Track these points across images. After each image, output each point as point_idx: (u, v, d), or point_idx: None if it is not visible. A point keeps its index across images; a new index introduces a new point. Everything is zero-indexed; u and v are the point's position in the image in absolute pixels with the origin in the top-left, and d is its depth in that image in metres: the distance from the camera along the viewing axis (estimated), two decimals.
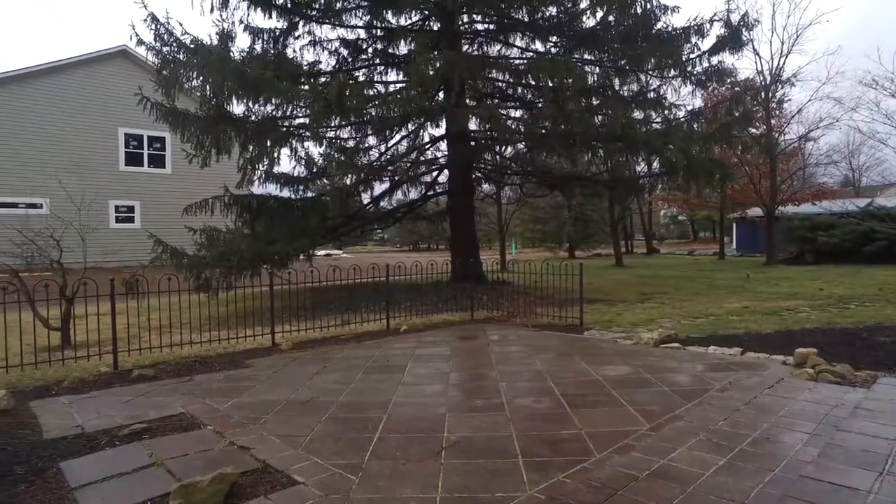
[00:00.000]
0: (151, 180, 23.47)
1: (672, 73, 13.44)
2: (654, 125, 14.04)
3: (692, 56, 13.09)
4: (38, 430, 4.19)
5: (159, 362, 6.42)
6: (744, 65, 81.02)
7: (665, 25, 13.28)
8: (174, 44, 11.88)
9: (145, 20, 11.71)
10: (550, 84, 12.49)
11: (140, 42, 11.80)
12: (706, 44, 13.47)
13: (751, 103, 16.95)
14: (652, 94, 14.80)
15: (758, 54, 26.37)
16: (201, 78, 11.81)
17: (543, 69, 12.09)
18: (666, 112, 14.68)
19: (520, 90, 15.81)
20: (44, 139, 21.01)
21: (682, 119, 14.36)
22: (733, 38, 12.79)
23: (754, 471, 3.24)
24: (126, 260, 17.51)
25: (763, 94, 22.80)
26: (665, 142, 11.90)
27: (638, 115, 14.25)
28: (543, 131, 12.80)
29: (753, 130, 20.29)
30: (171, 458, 3.55)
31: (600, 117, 13.94)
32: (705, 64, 13.35)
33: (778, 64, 23.67)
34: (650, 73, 13.91)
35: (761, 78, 23.45)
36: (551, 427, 4.07)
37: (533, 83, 14.86)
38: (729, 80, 17.59)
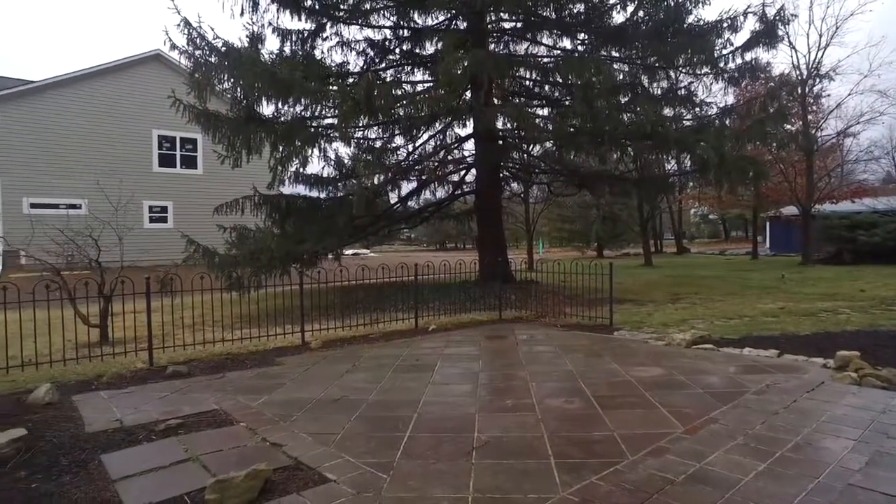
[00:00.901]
0: (184, 181, 23.98)
1: (704, 69, 13.16)
2: (685, 122, 13.79)
3: (724, 52, 12.80)
4: (81, 423, 4.31)
5: (192, 359, 6.55)
6: (779, 59, 78.81)
7: (696, 20, 13.01)
8: (206, 47, 12.09)
9: (178, 25, 11.96)
10: (579, 82, 12.37)
11: (173, 46, 12.03)
12: (739, 39, 13.20)
13: (786, 99, 16.55)
14: (682, 91, 14.54)
15: (794, 48, 25.56)
16: (232, 80, 12.03)
17: (572, 67, 11.97)
18: (697, 109, 14.41)
19: (547, 88, 15.68)
20: (82, 142, 21.64)
21: (714, 116, 14.06)
22: (768, 32, 12.44)
23: (797, 477, 3.14)
24: (160, 259, 17.93)
25: (799, 88, 22.13)
26: (697, 139, 11.65)
27: (668, 112, 14.02)
28: (572, 129, 12.66)
29: (789, 127, 19.77)
30: (205, 454, 3.61)
31: (629, 115, 13.75)
32: (738, 60, 13.05)
33: (815, 57, 22.96)
34: (681, 69, 13.65)
35: (797, 72, 22.80)
36: (583, 428, 4.02)
37: (560, 81, 14.73)
38: (763, 76, 17.23)
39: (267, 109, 12.95)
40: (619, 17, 13.78)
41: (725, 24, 12.60)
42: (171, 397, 4.98)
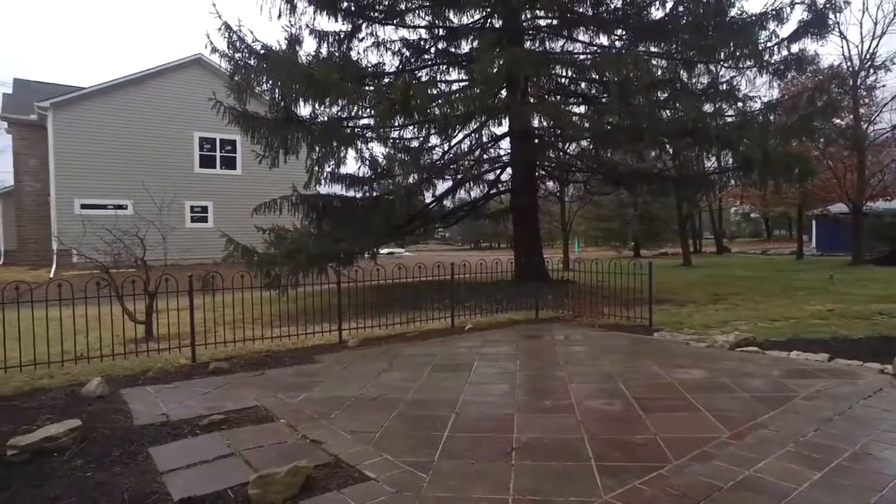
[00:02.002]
0: (223, 181, 24.55)
1: (747, 63, 12.75)
2: (726, 118, 13.40)
3: (770, 44, 12.37)
4: (130, 416, 4.45)
5: (233, 356, 6.69)
6: (827, 49, 75.86)
7: (739, 12, 12.62)
8: (245, 50, 12.33)
9: (219, 29, 12.23)
10: (616, 78, 12.17)
11: (214, 50, 12.31)
12: (786, 30, 12.73)
13: (836, 92, 15.92)
14: (724, 86, 14.14)
15: (844, 38, 24.43)
16: (270, 82, 12.26)
17: (610, 63, 11.78)
18: (739, 104, 13.99)
19: (583, 86, 15.48)
20: (128, 145, 22.37)
21: (758, 111, 13.62)
22: (818, 22, 11.98)
23: (857, 489, 3.00)
24: (201, 257, 18.44)
25: (850, 81, 21.19)
26: (740, 136, 11.30)
27: (708, 108, 13.66)
28: (609, 127, 12.44)
29: (838, 121, 18.98)
30: (247, 449, 3.67)
31: (669, 112, 13.44)
32: (784, 52, 12.59)
33: (869, 47, 21.97)
34: (722, 63, 13.27)
35: (848, 64, 21.84)
36: (624, 431, 3.93)
37: (597, 78, 14.51)
38: (810, 69, 16.59)
39: (304, 110, 13.15)
40: (657, 13, 13.50)
41: (771, 15, 12.19)
42: (213, 393, 5.09)
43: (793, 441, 3.66)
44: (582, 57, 14.12)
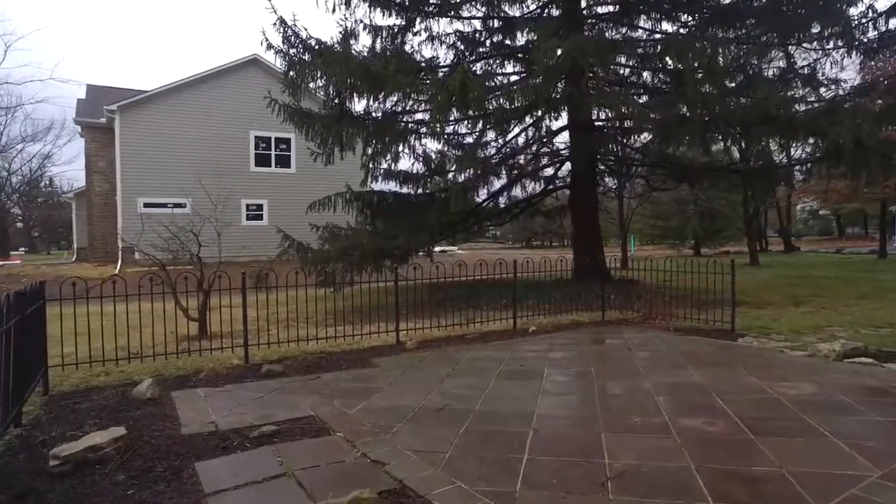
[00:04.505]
0: (278, 179, 24.78)
1: (836, 42, 11.60)
2: (812, 104, 12.28)
3: (863, 21, 11.20)
4: (177, 423, 4.16)
5: (286, 357, 6.39)
6: None
7: None
8: (300, 45, 12.18)
9: (274, 24, 12.11)
10: (681, 66, 11.35)
11: (269, 46, 12.20)
12: (882, 3, 11.49)
13: None
14: (806, 70, 12.98)
15: None
16: (325, 77, 12.04)
17: (683, 48, 10.92)
18: (822, 90, 12.81)
19: (645, 76, 14.65)
20: (187, 145, 22.85)
21: (845, 95, 12.42)
22: None
23: None
24: (257, 254, 18.56)
25: None
26: (831, 121, 10.24)
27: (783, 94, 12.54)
28: (680, 117, 11.58)
29: None
30: (301, 469, 3.27)
31: (744, 99, 12.44)
32: (882, 28, 11.37)
33: None
34: (804, 45, 12.17)
35: None
36: (738, 459, 3.31)
37: (661, 67, 13.68)
38: None
39: (358, 106, 12.95)
40: None
41: None
42: (266, 399, 4.76)
43: None
44: (649, 43, 13.25)
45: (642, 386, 4.95)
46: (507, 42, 15.04)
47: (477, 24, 14.94)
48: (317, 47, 12.00)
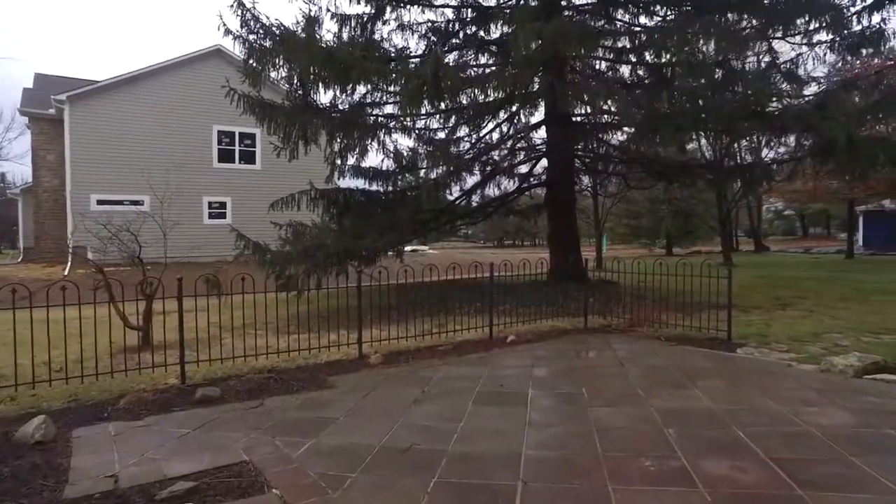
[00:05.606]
0: (242, 176, 23.60)
1: (823, 35, 11.18)
2: (790, 101, 11.87)
3: (852, 12, 10.76)
4: (65, 478, 3.23)
5: (230, 376, 5.49)
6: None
7: None
8: (260, 30, 11.25)
9: (231, 6, 11.17)
10: (670, 58, 10.81)
11: (227, 31, 11.26)
12: None
13: None
14: (788, 66, 12.58)
15: None
16: (287, 65, 11.14)
17: (666, 40, 10.34)
18: (804, 86, 12.43)
19: (622, 70, 14.14)
20: (145, 139, 21.54)
21: (832, 90, 12.04)
22: None
23: None
24: (220, 255, 17.48)
25: None
26: (824, 116, 9.76)
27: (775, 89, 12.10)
28: (664, 111, 11.00)
29: None
30: None
31: (728, 94, 11.96)
32: (864, 22, 10.96)
33: None
34: (787, 39, 11.74)
35: None
36: None
37: (640, 61, 13.18)
38: (885, 48, 14.89)
39: (324, 98, 12.12)
40: None
41: None
42: (191, 436, 3.86)
43: None
44: (637, 33, 12.63)
45: (645, 413, 4.20)
46: (482, 34, 14.33)
47: (450, 13, 14.21)
48: (278, 33, 11.08)
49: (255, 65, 11.10)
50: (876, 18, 11.03)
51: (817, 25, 10.82)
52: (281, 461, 3.42)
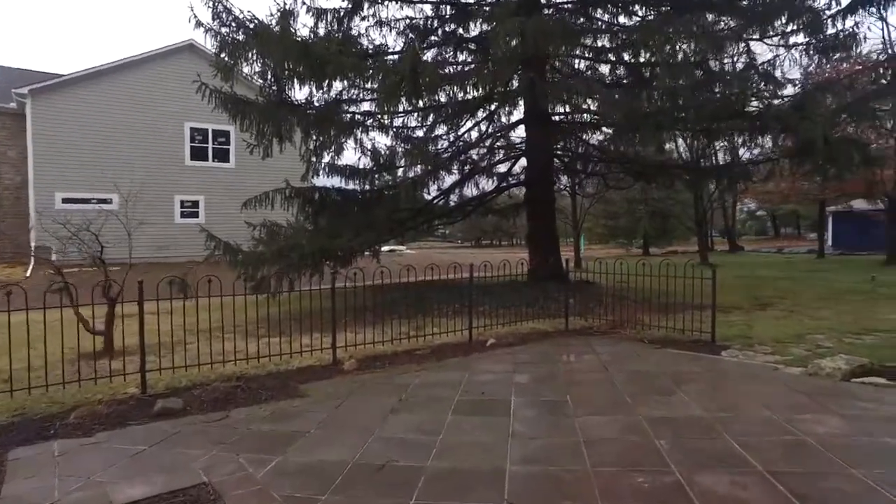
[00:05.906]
0: (216, 175, 22.98)
1: (800, 38, 11.22)
2: (767, 101, 11.92)
3: (827, 14, 10.79)
4: None
5: (194, 385, 5.15)
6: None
7: None
8: (233, 23, 10.86)
9: None
10: (651, 57, 10.72)
11: (199, 24, 10.84)
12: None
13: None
14: (765, 66, 12.64)
15: (885, 21, 22.38)
16: (261, 59, 10.79)
17: (647, 39, 10.23)
18: (779, 88, 12.50)
19: (601, 69, 14.06)
20: (114, 136, 20.81)
21: (808, 91, 12.09)
22: None
23: None
24: (193, 255, 16.98)
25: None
26: (802, 117, 9.76)
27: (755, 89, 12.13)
28: (645, 110, 10.90)
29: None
30: None
31: (709, 93, 11.94)
32: (839, 25, 11.01)
33: None
34: (765, 40, 11.76)
35: (890, 49, 20.02)
36: None
37: (619, 60, 13.11)
38: (855, 52, 15.08)
39: (299, 94, 11.76)
40: None
41: None
42: (147, 454, 3.53)
43: None
44: (622, 28, 12.52)
45: (634, 423, 4.00)
46: (461, 32, 14.12)
47: (428, 10, 13.97)
48: (252, 26, 10.69)
49: (227, 59, 10.71)
50: (849, 22, 11.16)
51: (795, 27, 10.84)
52: (244, 482, 3.12)
